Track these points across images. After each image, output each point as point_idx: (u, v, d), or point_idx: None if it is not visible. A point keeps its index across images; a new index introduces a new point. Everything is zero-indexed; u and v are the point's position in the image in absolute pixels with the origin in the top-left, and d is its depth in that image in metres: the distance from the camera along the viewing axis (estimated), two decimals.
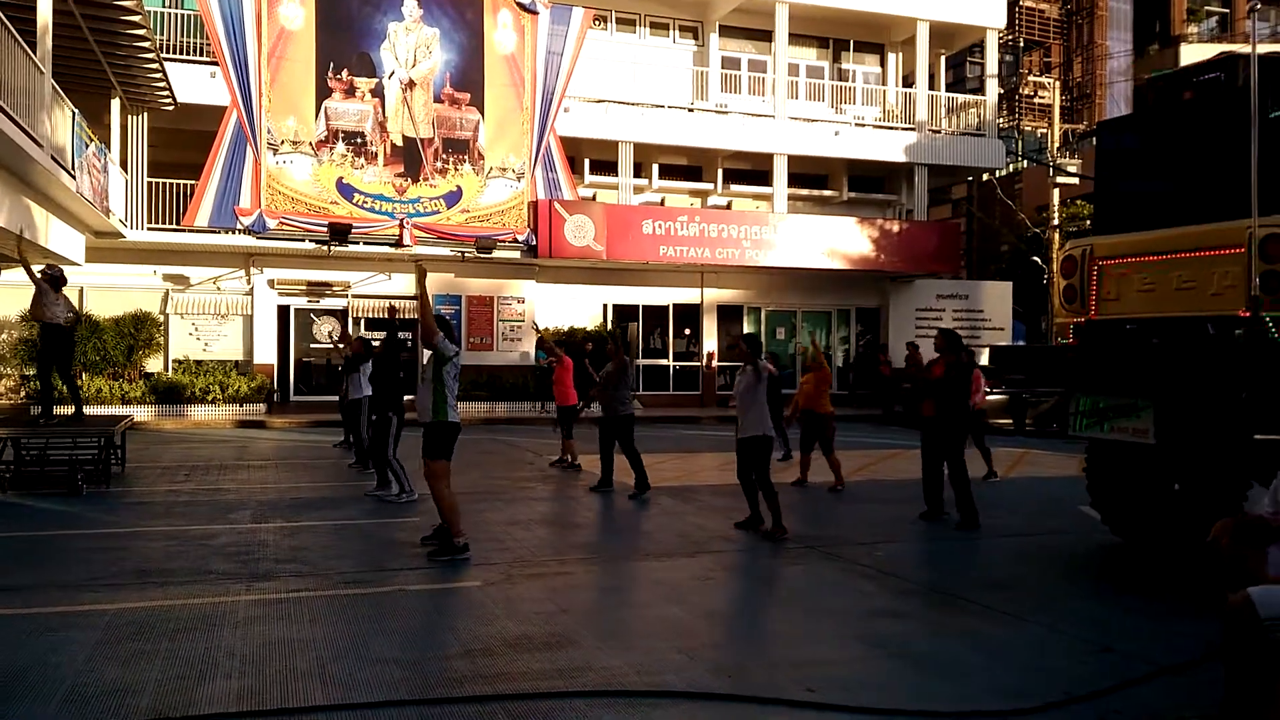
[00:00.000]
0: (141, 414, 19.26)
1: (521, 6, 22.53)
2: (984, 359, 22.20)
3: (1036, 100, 35.81)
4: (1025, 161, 33.18)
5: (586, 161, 25.04)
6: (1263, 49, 6.86)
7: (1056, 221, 27.61)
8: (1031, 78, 36.00)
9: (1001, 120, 31.76)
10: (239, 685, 4.59)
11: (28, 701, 4.34)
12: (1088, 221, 26.00)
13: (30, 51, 12.25)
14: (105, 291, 21.10)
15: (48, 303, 10.89)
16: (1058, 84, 30.55)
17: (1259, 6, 8.52)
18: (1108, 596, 6.74)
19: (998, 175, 31.89)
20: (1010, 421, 19.75)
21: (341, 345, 15.51)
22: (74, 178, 14.48)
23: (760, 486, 8.62)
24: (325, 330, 22.39)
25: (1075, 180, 27.70)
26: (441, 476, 7.49)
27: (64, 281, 11.20)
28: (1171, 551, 7.73)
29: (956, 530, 8.95)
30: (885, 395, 23.36)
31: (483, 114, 22.32)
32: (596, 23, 24.03)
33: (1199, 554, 7.11)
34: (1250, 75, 6.60)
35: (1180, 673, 4.91)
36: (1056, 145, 28.00)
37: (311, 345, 22.56)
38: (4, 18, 11.04)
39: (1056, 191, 27.52)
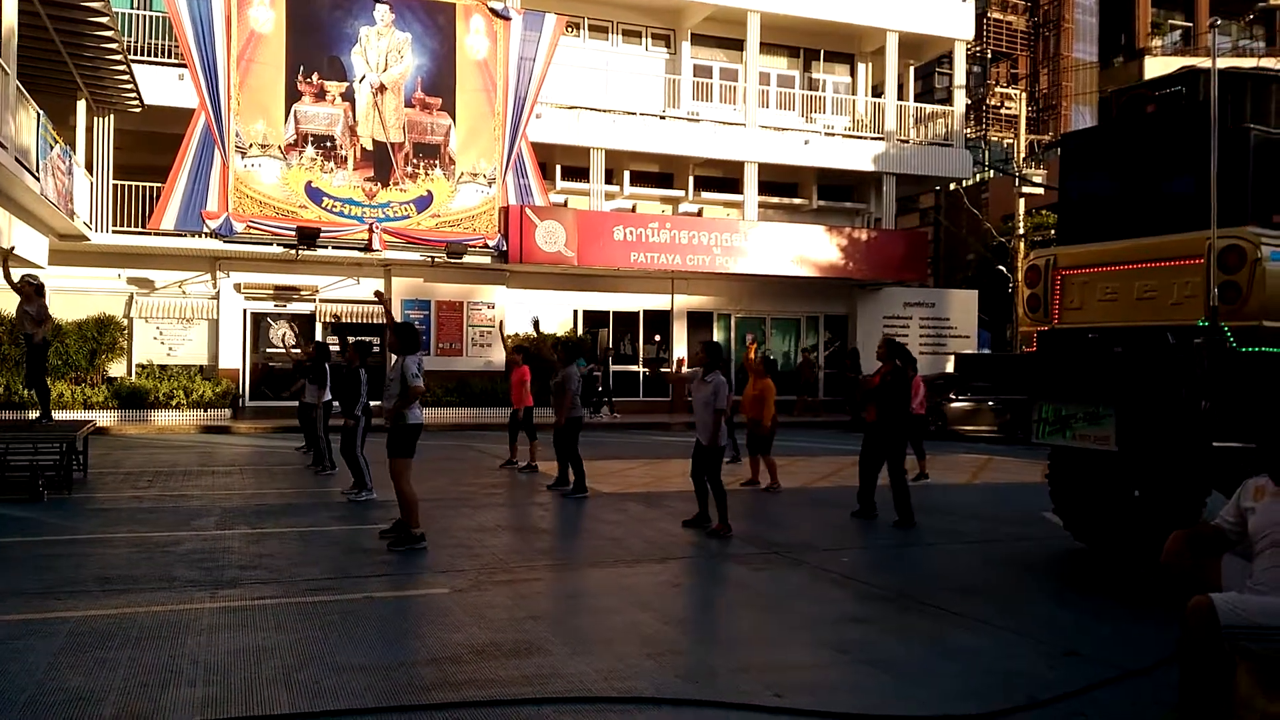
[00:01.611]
0: (104, 419, 19.01)
1: (494, 12, 22.52)
2: (949, 366, 22.37)
3: (1003, 111, 36.27)
4: (992, 171, 33.59)
5: (558, 167, 25.06)
6: (1223, 63, 7.00)
7: (1022, 231, 27.94)
8: (999, 89, 36.46)
9: (969, 130, 32.12)
10: (203, 693, 4.55)
11: None
12: (1052, 231, 26.33)
13: None
14: (68, 295, 20.78)
15: (46, 316, 11.24)
16: (1024, 95, 30.96)
17: (1219, 22, 8.69)
18: (1072, 601, 6.82)
19: (965, 185, 32.25)
20: (995, 429, 19.63)
21: (296, 350, 15.85)
22: (38, 180, 14.29)
23: (710, 488, 8.98)
24: (280, 334, 22.23)
25: (1040, 190, 28.07)
26: (403, 473, 7.98)
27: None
28: (1133, 557, 7.84)
29: (894, 528, 9.29)
30: (852, 401, 23.50)
31: (454, 119, 22.27)
32: (569, 29, 24.05)
33: (1159, 560, 7.23)
34: (1211, 89, 6.74)
35: (1145, 676, 4.98)
36: (1022, 156, 28.37)
37: (267, 350, 22.35)
38: None
39: (1022, 201, 27.86)
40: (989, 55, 38.27)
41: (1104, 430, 7.27)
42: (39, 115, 14.57)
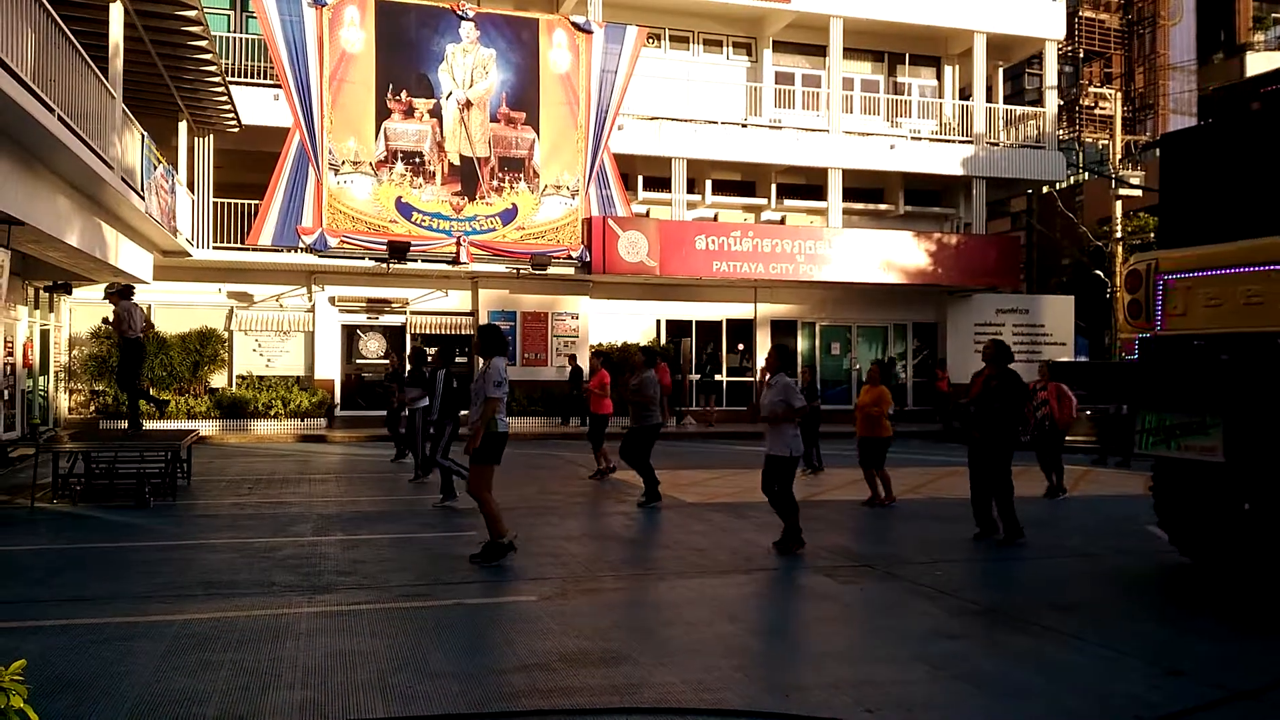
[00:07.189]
0: (206, 428, 19.69)
1: (576, 26, 22.76)
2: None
3: (1097, 111, 35.22)
4: (1086, 174, 32.63)
5: (640, 178, 25.16)
6: None
7: (1119, 234, 27.08)
8: (1092, 88, 35.42)
9: (1061, 132, 31.28)
10: (302, 696, 4.67)
11: (98, 709, 4.45)
12: (1152, 234, 25.48)
13: (102, 76, 12.65)
14: (172, 309, 21.65)
15: (135, 318, 11.55)
16: (1119, 95, 30.02)
17: None
18: (1176, 618, 6.56)
19: (1058, 187, 31.39)
20: (1094, 439, 18.65)
21: (388, 358, 16.31)
22: (143, 198, 14.90)
23: (780, 500, 8.49)
24: (372, 346, 22.77)
25: (1139, 192, 27.16)
26: (486, 480, 7.83)
27: (133, 290, 11.82)
28: (1242, 573, 7.51)
29: (1000, 545, 8.90)
30: (943, 411, 23.07)
31: (538, 133, 22.55)
32: (650, 41, 24.16)
33: (1271, 575, 6.91)
34: None
35: (1254, 698, 4.77)
36: (1118, 157, 27.50)
37: (358, 361, 22.89)
38: (79, 45, 11.43)
39: (1119, 204, 27.01)
40: (1081, 54, 37.23)
41: (1211, 441, 6.99)
42: (143, 137, 15.20)
